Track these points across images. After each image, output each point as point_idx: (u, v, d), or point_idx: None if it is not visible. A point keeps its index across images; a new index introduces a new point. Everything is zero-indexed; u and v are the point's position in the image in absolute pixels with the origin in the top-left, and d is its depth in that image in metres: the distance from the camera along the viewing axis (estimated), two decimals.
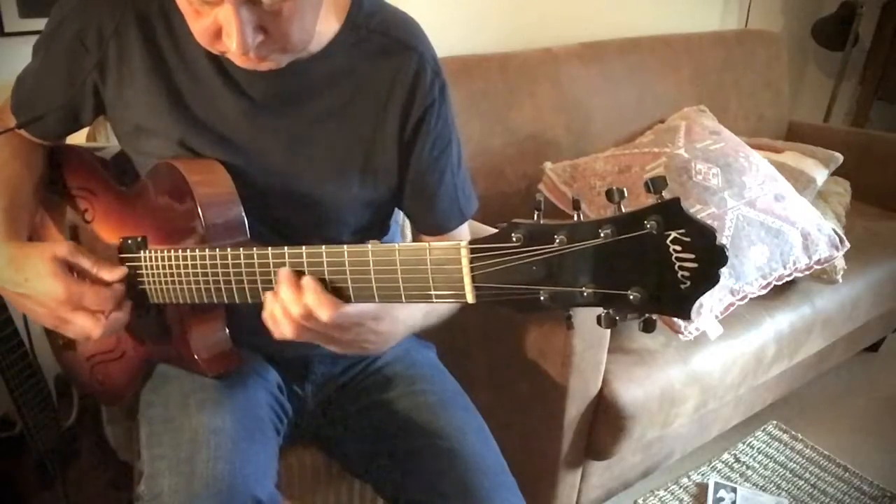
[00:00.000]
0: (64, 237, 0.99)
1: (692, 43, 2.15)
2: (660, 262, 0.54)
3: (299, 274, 0.72)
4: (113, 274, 0.84)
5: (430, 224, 0.99)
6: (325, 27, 0.85)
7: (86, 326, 0.82)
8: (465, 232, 1.02)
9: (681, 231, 0.53)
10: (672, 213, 0.53)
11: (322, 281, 0.71)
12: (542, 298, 0.59)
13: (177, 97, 0.86)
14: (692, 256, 0.53)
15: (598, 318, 0.58)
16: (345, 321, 0.73)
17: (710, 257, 0.53)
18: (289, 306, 0.72)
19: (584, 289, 0.57)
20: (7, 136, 0.92)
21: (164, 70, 0.86)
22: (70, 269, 0.83)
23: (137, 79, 0.86)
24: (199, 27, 0.74)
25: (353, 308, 0.73)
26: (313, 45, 0.84)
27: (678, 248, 0.54)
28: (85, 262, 0.83)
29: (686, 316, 0.56)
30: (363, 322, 0.77)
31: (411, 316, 0.88)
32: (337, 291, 0.71)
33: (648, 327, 0.58)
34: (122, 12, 0.84)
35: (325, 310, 0.70)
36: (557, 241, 0.57)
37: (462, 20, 1.87)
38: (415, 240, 1.21)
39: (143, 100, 0.86)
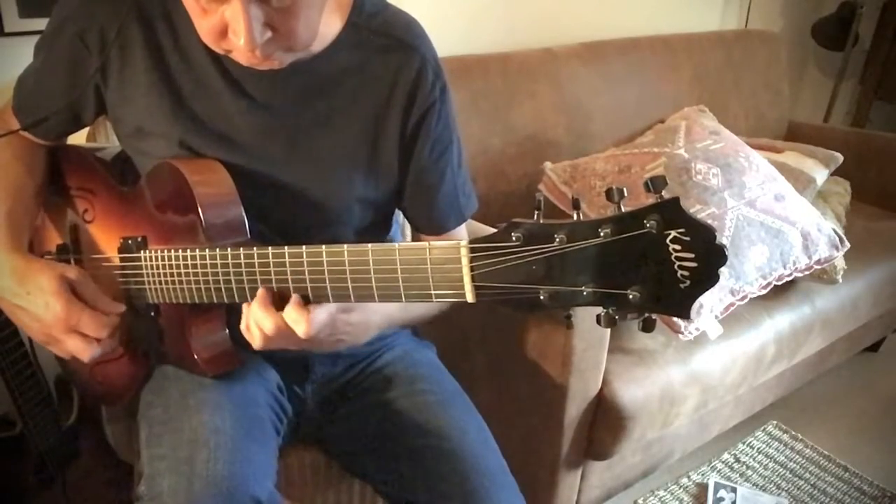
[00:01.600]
0: (63, 237, 0.99)
1: (692, 43, 2.15)
2: (659, 262, 0.54)
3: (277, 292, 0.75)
4: (112, 308, 0.86)
5: (429, 224, 0.99)
6: (327, 27, 0.85)
7: (76, 349, 0.84)
8: (463, 232, 1.02)
9: (680, 230, 0.53)
10: (671, 212, 0.53)
11: (305, 298, 0.73)
12: (541, 298, 0.59)
13: (178, 97, 0.86)
14: (692, 256, 0.54)
15: (598, 317, 0.58)
16: (317, 329, 0.74)
17: (709, 256, 0.53)
18: (260, 322, 0.75)
19: (583, 288, 0.57)
20: (8, 137, 0.92)
21: (165, 70, 0.86)
22: (73, 292, 0.83)
23: (139, 79, 0.86)
24: (205, 25, 0.73)
25: (320, 310, 0.74)
26: (315, 46, 0.84)
27: (678, 247, 0.54)
28: (89, 291, 0.85)
29: (686, 315, 0.56)
30: (333, 321, 0.78)
31: (384, 304, 0.88)
32: (317, 291, 0.72)
33: (648, 327, 0.58)
34: (124, 13, 0.83)
35: (301, 326, 0.73)
36: (557, 240, 0.57)
37: (462, 20, 1.87)
38: (413, 240, 1.21)
39: (144, 100, 0.86)
